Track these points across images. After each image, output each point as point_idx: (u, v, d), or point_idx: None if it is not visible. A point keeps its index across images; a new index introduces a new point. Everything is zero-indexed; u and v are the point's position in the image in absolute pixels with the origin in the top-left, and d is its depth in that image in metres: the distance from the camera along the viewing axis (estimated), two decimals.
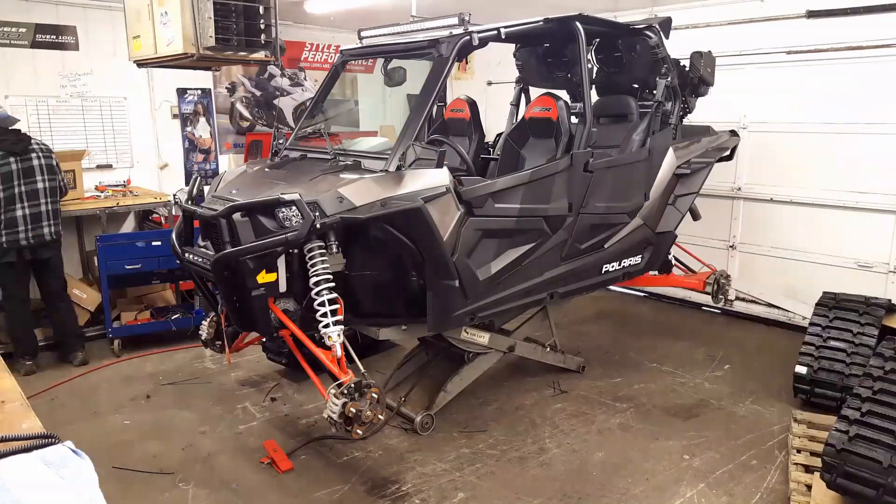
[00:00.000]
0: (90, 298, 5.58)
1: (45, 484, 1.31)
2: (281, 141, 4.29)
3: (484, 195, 3.59)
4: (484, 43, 3.72)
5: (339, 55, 4.48)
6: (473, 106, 4.90)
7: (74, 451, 1.41)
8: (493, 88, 7.71)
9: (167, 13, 3.90)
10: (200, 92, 6.89)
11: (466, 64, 8.12)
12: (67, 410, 4.37)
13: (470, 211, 3.55)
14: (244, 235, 3.17)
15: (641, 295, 6.87)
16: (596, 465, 3.68)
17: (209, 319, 3.96)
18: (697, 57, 4.94)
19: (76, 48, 5.99)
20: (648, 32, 4.64)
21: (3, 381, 2.02)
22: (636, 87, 5.06)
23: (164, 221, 5.98)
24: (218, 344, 3.94)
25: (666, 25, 4.85)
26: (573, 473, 3.59)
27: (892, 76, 5.00)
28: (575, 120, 4.66)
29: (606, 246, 4.42)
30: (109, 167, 6.33)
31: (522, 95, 5.55)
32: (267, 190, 3.40)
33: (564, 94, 5.09)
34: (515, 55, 5.47)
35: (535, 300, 4.14)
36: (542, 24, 3.89)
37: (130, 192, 6.07)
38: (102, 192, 5.96)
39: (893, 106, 5.02)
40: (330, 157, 3.74)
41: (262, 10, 4.03)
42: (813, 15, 5.33)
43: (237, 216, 3.19)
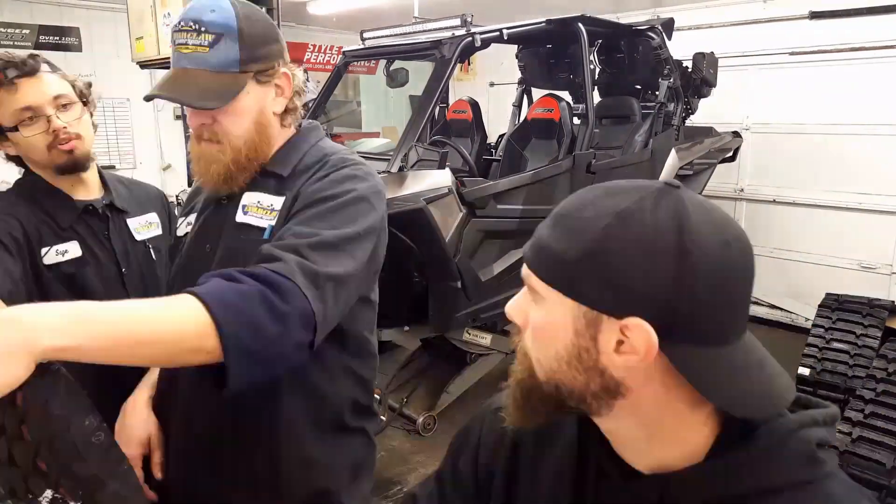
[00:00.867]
0: None
1: None
2: None
3: (486, 196, 3.59)
4: (486, 44, 3.72)
5: (341, 56, 4.48)
6: (476, 107, 4.90)
7: None
8: (495, 89, 7.71)
9: (170, 14, 3.90)
10: None
11: (469, 65, 8.12)
12: None
13: (472, 212, 3.55)
14: None
15: None
16: None
17: None
18: (700, 58, 4.94)
19: (79, 49, 6.01)
20: (651, 33, 4.64)
21: None
22: (639, 88, 5.06)
23: None
24: None
25: (668, 26, 4.85)
26: None
27: (895, 77, 4.99)
28: (577, 121, 4.65)
29: None
30: (112, 168, 6.33)
31: (525, 96, 5.55)
32: None
33: (567, 95, 5.08)
34: (518, 56, 5.47)
35: None
36: (544, 25, 3.89)
37: None
38: None
39: None
40: None
41: (264, 11, 4.05)
42: (816, 16, 5.33)
43: None
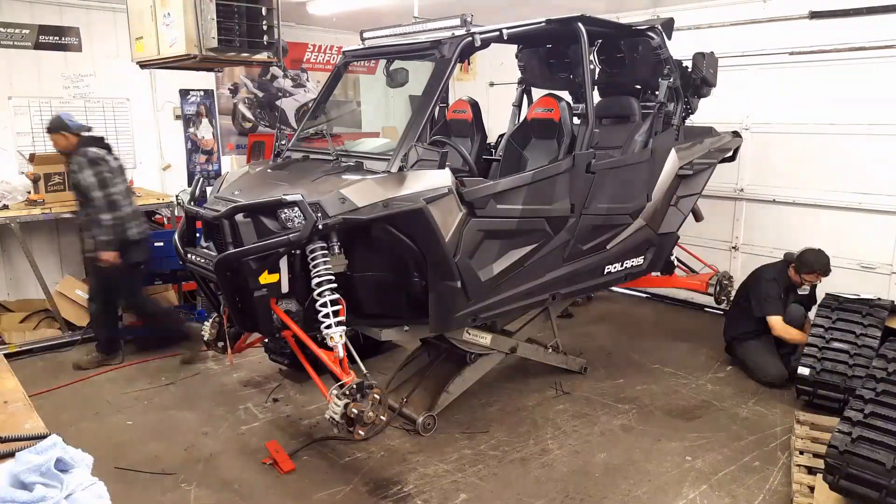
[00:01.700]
0: None
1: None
2: (283, 142, 4.29)
3: (486, 196, 3.59)
4: (486, 44, 3.72)
5: (341, 56, 4.48)
6: (475, 107, 4.89)
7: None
8: (495, 89, 7.71)
9: (170, 14, 3.91)
10: (203, 93, 6.91)
11: (468, 65, 8.12)
12: (70, 411, 4.38)
13: (472, 212, 3.55)
14: (247, 236, 3.18)
15: (643, 296, 6.86)
16: (598, 466, 3.68)
17: (211, 320, 3.97)
18: (700, 58, 4.94)
19: (79, 49, 6.01)
20: (651, 33, 4.63)
21: (6, 381, 2.03)
22: (638, 88, 5.06)
23: (166, 222, 5.99)
24: (220, 345, 3.94)
25: (668, 26, 4.85)
26: (575, 474, 3.59)
27: (894, 77, 4.99)
28: (577, 121, 4.65)
29: (609, 247, 4.42)
30: None
31: (524, 96, 5.56)
32: (269, 191, 3.40)
33: (567, 95, 5.09)
34: (518, 56, 5.47)
35: (537, 301, 4.14)
36: (544, 25, 3.89)
37: (133, 192, 6.06)
38: None
39: None
40: (332, 158, 3.74)
41: (264, 11, 4.05)
42: (816, 16, 5.32)
43: (240, 217, 3.19)
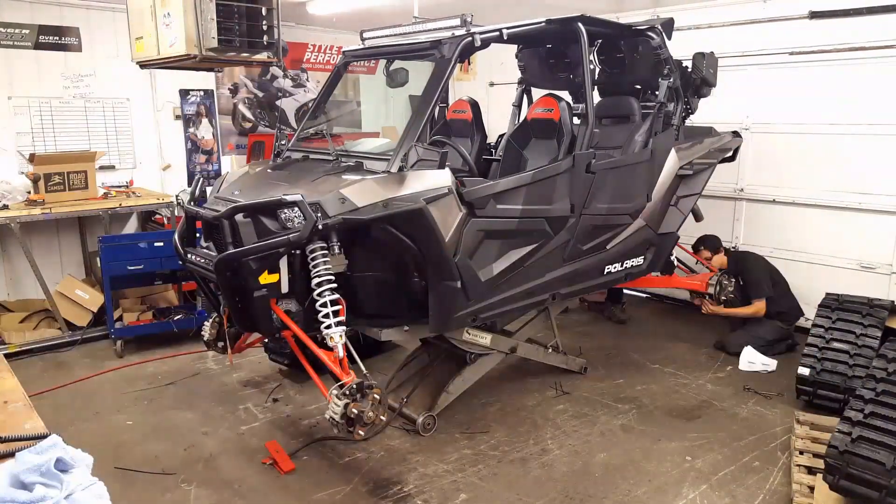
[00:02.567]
0: (92, 299, 5.58)
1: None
2: (283, 142, 4.29)
3: (486, 196, 3.59)
4: (486, 44, 3.72)
5: (341, 56, 4.48)
6: (475, 107, 4.90)
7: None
8: (495, 89, 7.71)
9: (170, 14, 3.91)
10: (203, 93, 6.90)
11: (468, 65, 8.12)
12: (70, 411, 4.37)
13: (472, 212, 3.55)
14: (246, 236, 3.18)
15: (643, 296, 6.86)
16: (598, 466, 3.68)
17: (211, 320, 3.97)
18: (700, 58, 4.93)
19: (79, 49, 6.01)
20: (651, 33, 4.63)
21: (6, 381, 2.02)
22: (638, 88, 5.06)
23: (166, 222, 5.99)
24: (220, 345, 3.94)
25: (668, 26, 4.84)
26: (575, 474, 3.59)
27: (894, 77, 4.99)
28: (577, 121, 4.65)
29: (608, 247, 4.42)
30: (112, 168, 6.34)
31: (524, 96, 5.55)
32: (269, 191, 3.40)
33: (567, 95, 5.09)
34: (517, 56, 5.47)
35: (537, 301, 4.14)
36: (544, 25, 3.89)
37: (133, 193, 6.08)
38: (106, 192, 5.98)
39: None
40: (332, 158, 3.74)
41: (264, 11, 4.04)
42: (816, 16, 5.32)
43: (240, 217, 3.19)
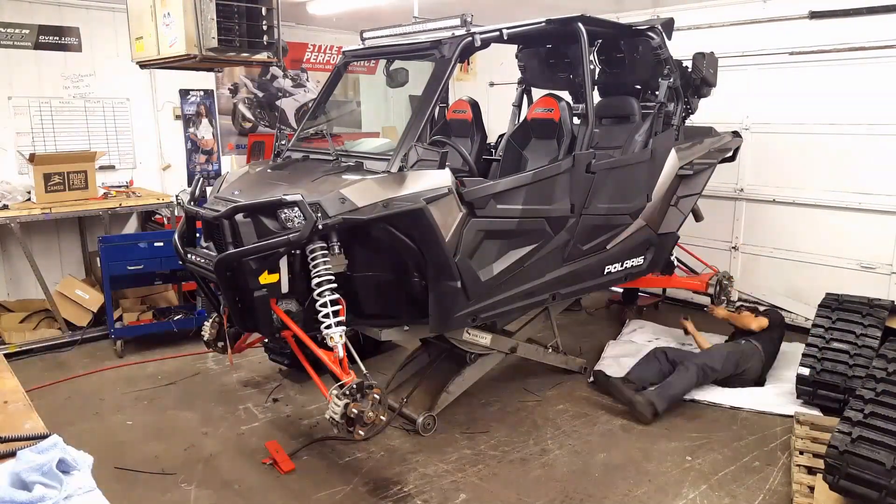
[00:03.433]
0: (92, 299, 5.58)
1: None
2: (283, 142, 4.29)
3: (486, 196, 3.59)
4: (486, 44, 3.72)
5: (341, 56, 4.48)
6: (475, 107, 4.90)
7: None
8: (495, 89, 7.71)
9: (170, 14, 3.90)
10: (203, 93, 6.90)
11: (468, 65, 8.12)
12: (70, 411, 4.37)
13: (472, 212, 3.55)
14: (246, 236, 3.17)
15: (643, 296, 6.84)
16: (598, 466, 3.68)
17: (211, 320, 3.97)
18: (700, 58, 4.94)
19: (79, 49, 6.01)
20: (651, 33, 4.63)
21: (6, 381, 2.02)
22: (638, 88, 5.06)
23: (166, 222, 5.99)
24: (220, 345, 3.94)
25: (668, 26, 4.85)
26: (575, 474, 3.59)
27: (894, 77, 4.99)
28: (577, 121, 4.65)
29: (609, 247, 4.42)
30: (112, 168, 6.34)
31: (524, 96, 5.56)
32: (269, 191, 3.40)
33: (567, 95, 5.09)
34: (518, 56, 5.47)
35: (537, 301, 4.14)
36: (544, 25, 3.89)
37: (133, 193, 6.08)
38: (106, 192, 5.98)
39: None
40: (332, 158, 3.74)
41: (264, 11, 4.04)
42: (816, 16, 5.32)
43: (239, 217, 3.19)
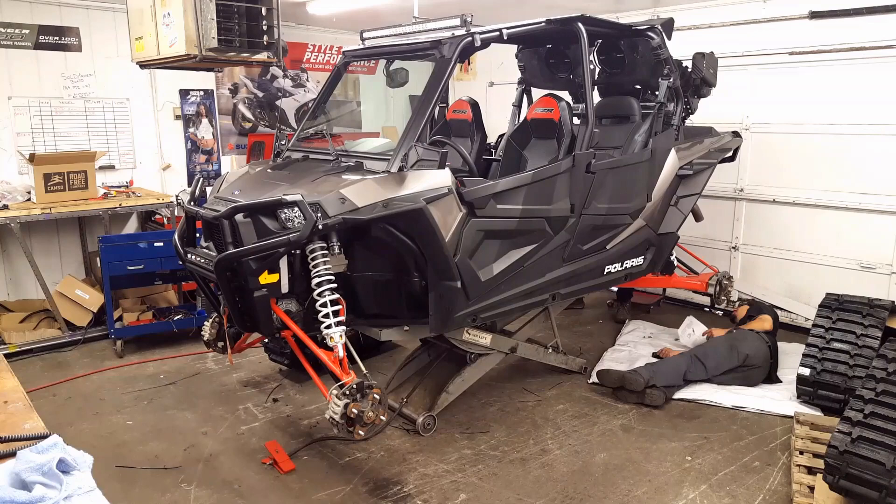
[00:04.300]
0: (92, 299, 5.59)
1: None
2: (283, 142, 4.30)
3: (486, 196, 3.59)
4: (486, 44, 3.72)
5: (341, 56, 4.48)
6: (475, 107, 4.90)
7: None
8: (495, 89, 7.71)
9: (170, 14, 3.91)
10: (203, 93, 6.90)
11: (468, 65, 8.12)
12: (70, 411, 4.37)
13: (472, 212, 3.55)
14: (246, 236, 3.18)
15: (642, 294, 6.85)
16: (598, 466, 3.68)
17: (211, 320, 3.97)
18: (700, 58, 4.94)
19: (79, 49, 6.01)
20: (651, 33, 4.64)
21: (6, 381, 2.02)
22: (638, 88, 5.07)
23: (166, 222, 5.99)
24: (220, 345, 3.94)
25: (668, 26, 4.85)
26: (575, 474, 3.59)
27: (894, 77, 4.99)
28: (577, 121, 4.65)
29: (608, 247, 4.42)
30: (112, 168, 6.34)
31: (524, 96, 5.56)
32: (269, 191, 3.40)
33: (567, 95, 5.09)
34: (517, 56, 5.48)
35: (537, 301, 4.14)
36: (544, 25, 3.89)
37: (133, 193, 6.08)
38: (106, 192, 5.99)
39: None
40: (332, 158, 3.74)
41: (264, 11, 4.04)
42: (816, 16, 5.33)
43: (239, 217, 3.19)
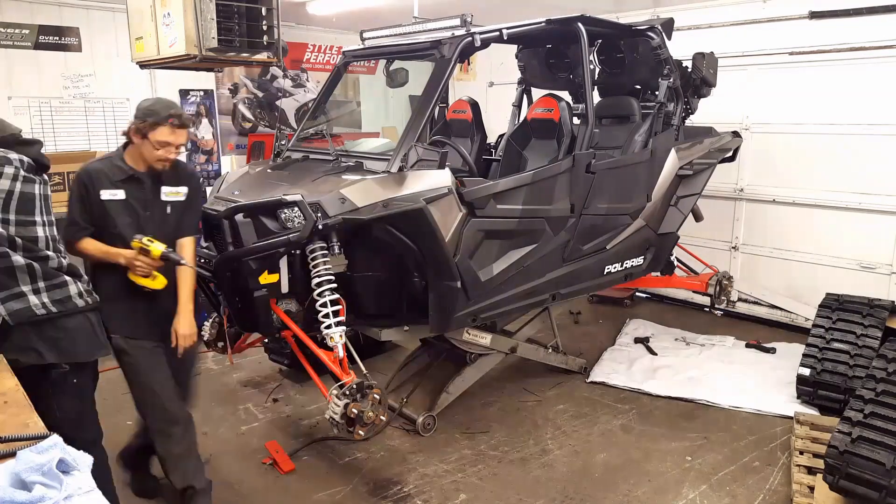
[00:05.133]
0: None
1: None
2: (283, 142, 4.29)
3: (486, 196, 3.59)
4: (486, 44, 3.72)
5: (341, 56, 4.48)
6: (475, 107, 4.90)
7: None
8: (494, 89, 7.71)
9: (170, 14, 3.90)
10: (203, 93, 6.90)
11: (468, 65, 8.12)
12: None
13: (472, 212, 3.55)
14: (246, 236, 3.18)
15: (643, 296, 6.86)
16: (598, 466, 3.68)
17: (211, 320, 3.96)
18: (700, 58, 4.94)
19: (79, 49, 6.00)
20: (651, 33, 4.64)
21: (6, 381, 2.02)
22: (638, 88, 5.06)
23: None
24: (220, 345, 3.94)
25: (668, 26, 4.85)
26: (575, 475, 3.59)
27: (894, 77, 4.99)
28: (577, 121, 4.65)
29: (608, 247, 4.42)
30: None
31: (524, 96, 5.56)
32: (269, 191, 3.40)
33: (566, 95, 5.09)
34: (517, 56, 5.47)
35: (537, 301, 4.14)
36: (544, 25, 3.89)
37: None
38: None
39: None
40: (332, 158, 3.74)
41: (264, 11, 4.04)
42: (815, 16, 5.33)
43: (239, 217, 3.19)
